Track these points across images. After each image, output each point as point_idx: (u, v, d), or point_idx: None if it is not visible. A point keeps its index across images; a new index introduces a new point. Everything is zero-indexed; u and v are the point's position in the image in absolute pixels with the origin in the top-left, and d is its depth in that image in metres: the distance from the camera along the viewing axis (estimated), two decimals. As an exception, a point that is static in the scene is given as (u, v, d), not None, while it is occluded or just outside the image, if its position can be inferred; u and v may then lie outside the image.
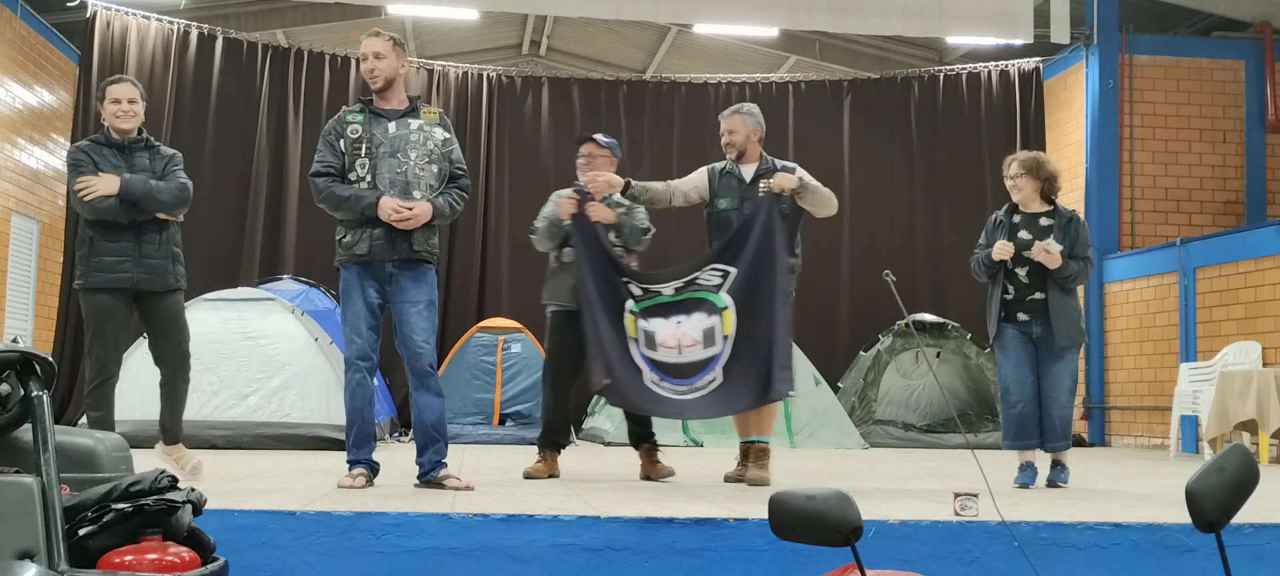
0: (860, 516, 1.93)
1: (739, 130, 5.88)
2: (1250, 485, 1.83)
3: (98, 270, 5.25)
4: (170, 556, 2.27)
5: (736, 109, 6.01)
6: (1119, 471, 7.54)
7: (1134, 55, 12.15)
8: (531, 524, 3.80)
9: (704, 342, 5.55)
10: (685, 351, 5.54)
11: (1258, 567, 3.88)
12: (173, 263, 5.41)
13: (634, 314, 5.61)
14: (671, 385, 5.56)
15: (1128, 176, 12.09)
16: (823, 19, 11.30)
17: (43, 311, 11.62)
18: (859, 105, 12.84)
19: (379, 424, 7.76)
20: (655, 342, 5.57)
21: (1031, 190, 5.93)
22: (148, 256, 5.29)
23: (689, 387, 5.54)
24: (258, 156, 11.71)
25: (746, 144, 5.88)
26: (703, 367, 5.54)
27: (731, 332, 5.53)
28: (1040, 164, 5.97)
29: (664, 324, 5.57)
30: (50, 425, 2.28)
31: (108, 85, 5.49)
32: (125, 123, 5.38)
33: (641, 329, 5.60)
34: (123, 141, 5.37)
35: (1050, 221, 5.89)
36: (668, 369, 5.56)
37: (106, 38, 11.24)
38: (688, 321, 5.56)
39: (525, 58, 14.71)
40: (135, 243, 5.27)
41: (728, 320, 5.55)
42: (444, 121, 5.20)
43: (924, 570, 3.67)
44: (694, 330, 5.53)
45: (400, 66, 5.16)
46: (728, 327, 5.55)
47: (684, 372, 5.53)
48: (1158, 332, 11.32)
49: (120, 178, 5.20)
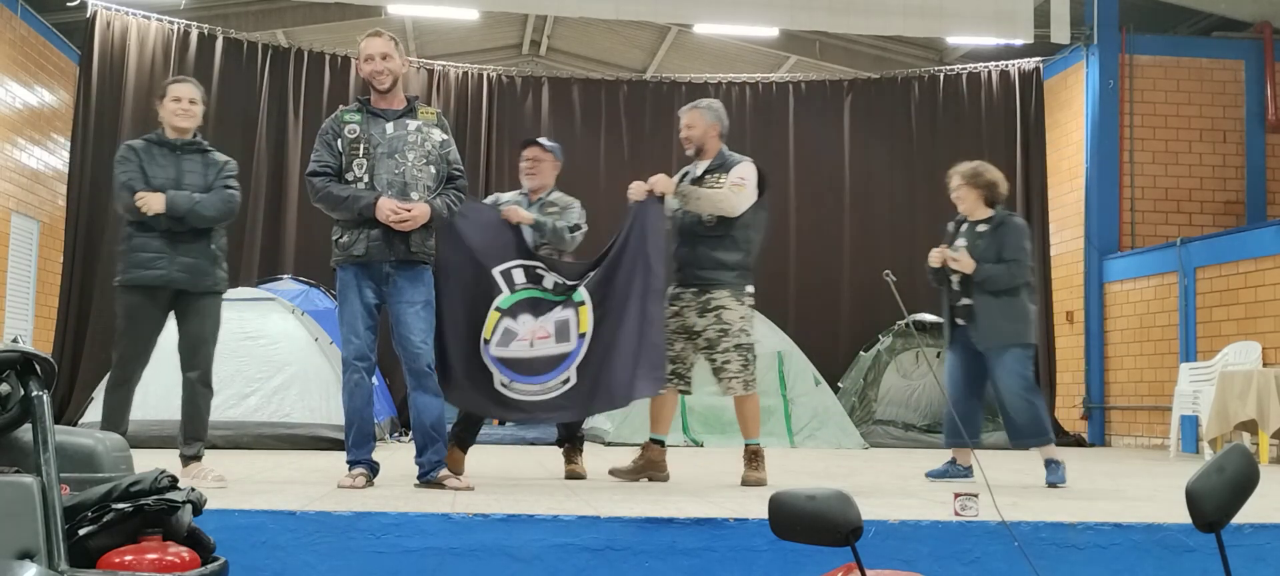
0: (860, 516, 1.93)
1: (697, 124, 5.79)
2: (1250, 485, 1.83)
3: (133, 266, 5.21)
4: (170, 556, 2.27)
5: (695, 104, 5.94)
6: (1119, 471, 7.54)
7: (1134, 55, 12.15)
8: (531, 524, 3.80)
9: (556, 336, 5.44)
10: (536, 344, 5.44)
11: (1258, 567, 3.88)
12: (213, 264, 5.33)
13: (500, 310, 5.49)
14: (523, 385, 5.45)
15: (1128, 176, 12.09)
16: (823, 19, 11.29)
17: (43, 311, 11.62)
18: (859, 105, 12.84)
19: (379, 424, 7.77)
20: (512, 338, 5.46)
21: (973, 199, 6.15)
22: (185, 255, 5.23)
23: (541, 388, 5.44)
24: (258, 156, 11.71)
25: (704, 139, 5.80)
26: (555, 366, 5.43)
27: (588, 331, 5.43)
28: (978, 173, 6.18)
29: (532, 321, 5.49)
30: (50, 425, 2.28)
31: (170, 83, 5.49)
32: (183, 122, 5.36)
33: (502, 327, 5.47)
34: (176, 141, 5.35)
35: (985, 227, 6.07)
36: (519, 366, 5.44)
37: (106, 38, 11.24)
38: (545, 317, 5.50)
39: (525, 58, 14.71)
40: (171, 240, 5.21)
41: (584, 316, 5.44)
42: (442, 122, 5.20)
43: (924, 570, 3.67)
44: (547, 323, 5.45)
45: (403, 66, 5.17)
46: (584, 325, 5.44)
47: (535, 370, 5.42)
48: (1158, 332, 11.32)
49: (166, 197, 5.17)
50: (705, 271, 5.58)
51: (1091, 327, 12.13)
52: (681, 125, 5.87)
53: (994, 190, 6.15)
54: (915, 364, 11.40)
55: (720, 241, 5.58)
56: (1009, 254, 5.96)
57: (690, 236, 5.63)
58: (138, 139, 5.49)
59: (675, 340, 5.64)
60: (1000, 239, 6.01)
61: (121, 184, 5.26)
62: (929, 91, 12.85)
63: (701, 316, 5.59)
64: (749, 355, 5.61)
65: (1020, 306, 5.98)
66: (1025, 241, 6.06)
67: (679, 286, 5.66)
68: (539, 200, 5.94)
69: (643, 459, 5.71)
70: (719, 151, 5.80)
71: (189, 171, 5.32)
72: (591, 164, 12.16)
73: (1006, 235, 6.02)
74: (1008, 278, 5.94)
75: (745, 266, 5.64)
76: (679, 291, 5.66)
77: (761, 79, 13.09)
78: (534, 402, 5.47)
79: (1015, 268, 5.95)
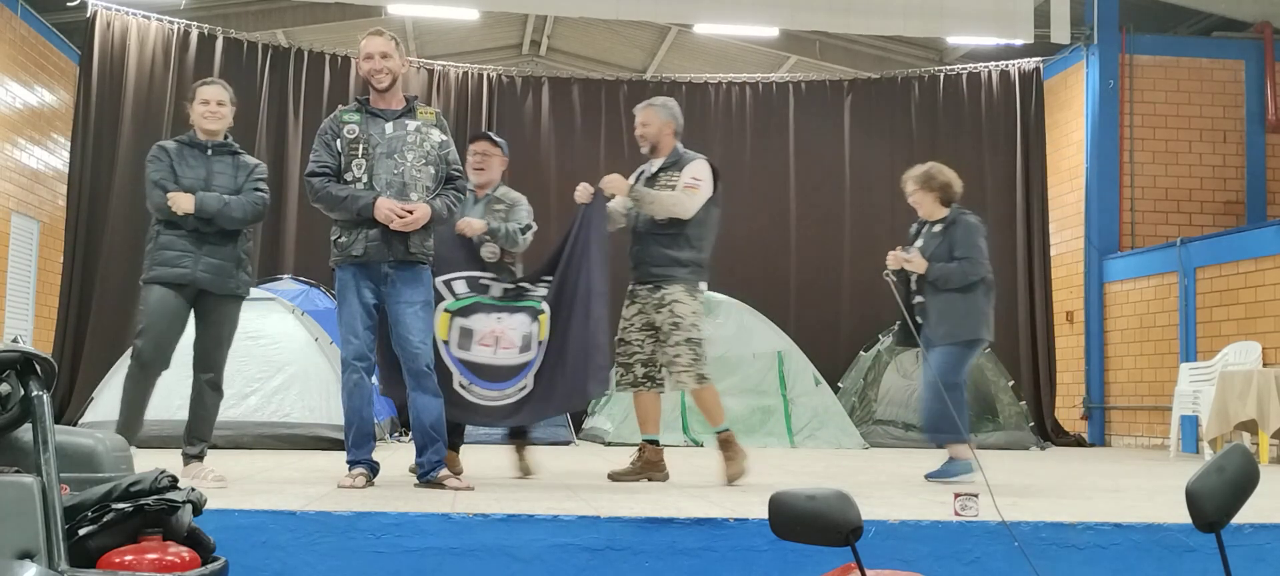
0: (860, 516, 1.93)
1: (651, 122, 5.81)
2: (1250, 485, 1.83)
3: (158, 264, 5.21)
4: (170, 556, 2.27)
5: (650, 101, 5.98)
6: (1119, 471, 7.54)
7: (1134, 55, 12.15)
8: (531, 524, 3.80)
9: (521, 347, 5.50)
10: (500, 353, 5.48)
11: (1258, 567, 3.88)
12: (237, 267, 5.33)
13: (450, 312, 5.51)
14: (482, 389, 5.48)
15: (1128, 176, 12.09)
16: (823, 19, 11.29)
17: (43, 311, 11.62)
18: (859, 105, 12.84)
19: (379, 423, 7.77)
20: (471, 341, 5.47)
21: (930, 202, 6.29)
22: (211, 256, 5.23)
23: (500, 394, 5.48)
24: (257, 156, 11.67)
25: (659, 137, 5.81)
26: (516, 373, 5.50)
27: (546, 338, 5.52)
28: (931, 176, 6.31)
29: (485, 319, 5.50)
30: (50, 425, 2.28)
31: (199, 86, 5.49)
32: (212, 124, 5.37)
33: (457, 326, 5.49)
34: (206, 143, 5.35)
35: (939, 227, 6.19)
36: (481, 370, 5.47)
37: (107, 38, 11.24)
38: (510, 320, 5.52)
39: (525, 58, 14.71)
40: (198, 240, 5.21)
41: (544, 325, 5.54)
42: (441, 122, 5.19)
43: (924, 570, 3.67)
44: (513, 332, 5.49)
45: (402, 66, 5.17)
46: (543, 333, 5.53)
47: (497, 376, 5.46)
48: (1158, 333, 11.32)
49: (196, 198, 5.18)
50: (659, 268, 5.65)
51: (1091, 327, 12.13)
52: (637, 123, 5.90)
53: (948, 191, 6.29)
54: (915, 364, 11.39)
55: (674, 239, 5.65)
56: (960, 251, 6.07)
57: (644, 235, 5.69)
58: (170, 140, 5.51)
59: (644, 339, 5.70)
60: (952, 237, 6.12)
61: (153, 183, 5.26)
62: (929, 91, 12.85)
63: (657, 312, 5.66)
64: (699, 349, 5.68)
65: (973, 303, 6.08)
66: (978, 238, 6.15)
67: (635, 283, 5.71)
68: (486, 196, 5.86)
69: (640, 460, 5.73)
70: (674, 149, 5.84)
71: (219, 173, 5.32)
72: (592, 164, 12.14)
73: (958, 233, 6.13)
74: (960, 275, 6.03)
75: (698, 263, 5.72)
76: (635, 288, 5.71)
77: (761, 79, 13.09)
78: (490, 407, 5.50)
79: (968, 265, 6.04)
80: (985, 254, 6.17)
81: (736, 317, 10.54)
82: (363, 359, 5.04)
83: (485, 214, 5.76)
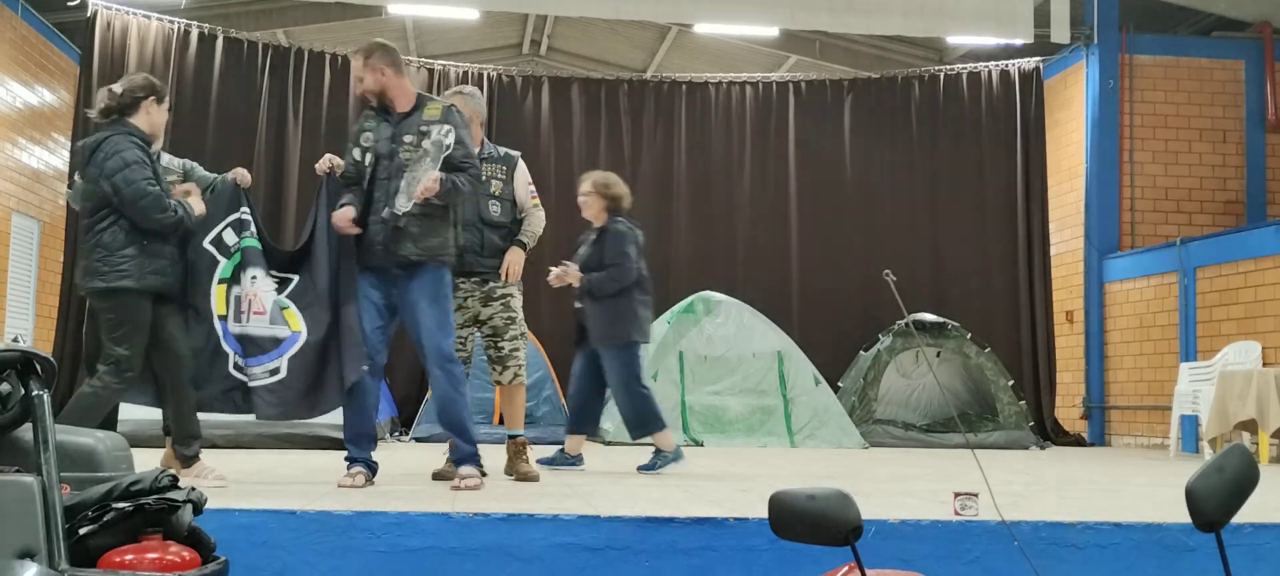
0: (860, 516, 1.93)
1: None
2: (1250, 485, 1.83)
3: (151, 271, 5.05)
4: (170, 556, 2.27)
5: (457, 89, 6.03)
6: (1119, 471, 7.54)
7: (1134, 55, 12.15)
8: (531, 523, 3.80)
9: (269, 317, 5.15)
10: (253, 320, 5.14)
11: (1258, 567, 3.88)
12: None
13: (225, 282, 5.19)
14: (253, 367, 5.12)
15: (1128, 176, 12.09)
16: (823, 18, 11.29)
17: (43, 311, 11.62)
18: (859, 105, 12.84)
19: (379, 423, 7.76)
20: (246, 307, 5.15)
21: (598, 208, 6.50)
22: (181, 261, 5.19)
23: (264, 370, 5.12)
24: (258, 156, 11.69)
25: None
26: (274, 347, 5.13)
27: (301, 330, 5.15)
28: (608, 184, 6.56)
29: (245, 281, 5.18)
30: (51, 424, 2.28)
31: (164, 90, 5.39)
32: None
33: (233, 297, 5.18)
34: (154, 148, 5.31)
35: (594, 236, 6.48)
36: (249, 344, 5.13)
37: (107, 37, 11.24)
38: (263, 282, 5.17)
39: (526, 57, 14.71)
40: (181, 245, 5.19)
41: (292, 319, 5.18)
42: (447, 115, 5.13)
43: (924, 570, 3.67)
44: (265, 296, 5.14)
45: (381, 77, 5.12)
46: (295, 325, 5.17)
47: (262, 348, 5.12)
48: (1158, 332, 11.32)
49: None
50: (490, 260, 5.79)
51: (1091, 327, 12.13)
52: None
53: (617, 203, 6.52)
54: (915, 363, 11.41)
55: (509, 234, 5.86)
56: (609, 259, 6.32)
57: (474, 227, 5.74)
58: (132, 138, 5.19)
59: (464, 332, 5.79)
60: (604, 246, 6.38)
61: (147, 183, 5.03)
62: (929, 91, 12.85)
63: (486, 305, 5.81)
64: (523, 344, 5.93)
65: (625, 308, 6.33)
66: (627, 246, 6.37)
67: (458, 275, 5.64)
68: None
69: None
70: (483, 141, 5.95)
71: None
72: (592, 164, 12.13)
73: (609, 242, 6.38)
74: (611, 283, 6.30)
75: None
76: (458, 281, 5.68)
77: (762, 79, 13.08)
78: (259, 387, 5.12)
79: (617, 272, 6.31)
80: (635, 259, 6.38)
81: (736, 317, 10.55)
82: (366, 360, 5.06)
83: None
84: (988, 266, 12.44)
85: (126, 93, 5.16)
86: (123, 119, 5.13)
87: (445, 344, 5.06)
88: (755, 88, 12.86)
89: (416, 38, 13.40)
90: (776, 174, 12.60)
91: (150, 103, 5.19)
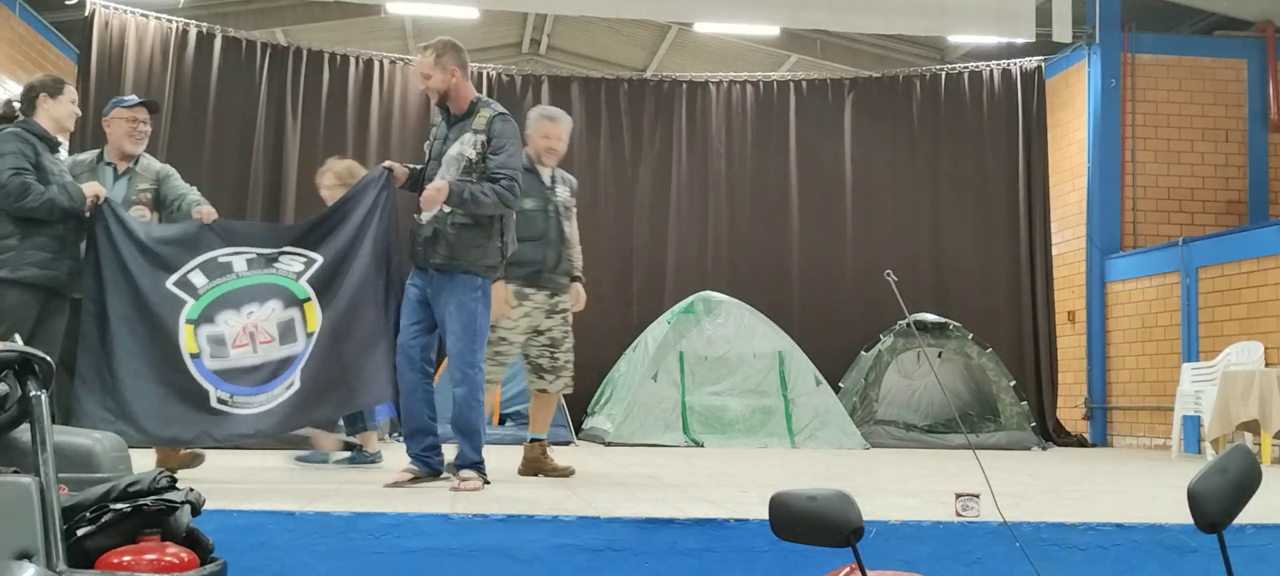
0: (861, 517, 1.92)
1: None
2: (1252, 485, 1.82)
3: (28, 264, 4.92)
4: (169, 557, 2.26)
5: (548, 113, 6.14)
6: (1121, 471, 7.53)
7: (1136, 54, 12.13)
8: (531, 524, 3.80)
9: (280, 338, 4.99)
10: (261, 349, 4.97)
11: (1260, 568, 3.87)
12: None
13: (192, 323, 4.95)
14: (246, 396, 4.95)
15: (1130, 176, 12.08)
16: (824, 17, 11.28)
17: (43, 310, 11.61)
18: (861, 104, 12.82)
19: (380, 423, 7.77)
20: (226, 346, 4.95)
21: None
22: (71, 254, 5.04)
23: (267, 397, 4.96)
24: (256, 155, 11.69)
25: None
26: (282, 370, 4.98)
27: (316, 330, 5.00)
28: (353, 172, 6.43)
29: (234, 317, 4.97)
30: (48, 425, 2.28)
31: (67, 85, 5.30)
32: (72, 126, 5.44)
33: (205, 337, 4.95)
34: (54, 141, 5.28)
35: None
36: (243, 376, 4.95)
37: (105, 37, 11.23)
38: (261, 311, 4.99)
39: (525, 56, 14.70)
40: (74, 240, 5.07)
41: (311, 314, 5.01)
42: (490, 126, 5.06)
43: (926, 571, 3.66)
44: (267, 323, 4.98)
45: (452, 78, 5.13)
46: (312, 324, 5.01)
47: (260, 377, 4.95)
48: (1160, 332, 11.31)
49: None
50: (558, 276, 5.90)
51: (1093, 327, 12.12)
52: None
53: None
54: (916, 364, 11.40)
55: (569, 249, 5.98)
56: None
57: (552, 244, 5.84)
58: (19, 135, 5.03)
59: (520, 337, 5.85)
60: None
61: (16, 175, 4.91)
62: (931, 90, 12.84)
63: (549, 317, 5.89)
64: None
65: None
66: None
67: (525, 286, 5.74)
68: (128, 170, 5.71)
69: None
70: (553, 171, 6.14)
71: None
72: (592, 163, 12.15)
73: None
74: None
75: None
76: (528, 292, 5.78)
77: (763, 78, 13.07)
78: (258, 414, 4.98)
79: None
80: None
81: (737, 317, 10.54)
82: (402, 350, 5.14)
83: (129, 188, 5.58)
84: (989, 266, 12.42)
85: (23, 94, 5.20)
86: (28, 119, 5.13)
87: (469, 351, 5.05)
88: (756, 87, 12.85)
89: (415, 36, 13.39)
90: (777, 173, 12.58)
91: (44, 98, 5.16)
